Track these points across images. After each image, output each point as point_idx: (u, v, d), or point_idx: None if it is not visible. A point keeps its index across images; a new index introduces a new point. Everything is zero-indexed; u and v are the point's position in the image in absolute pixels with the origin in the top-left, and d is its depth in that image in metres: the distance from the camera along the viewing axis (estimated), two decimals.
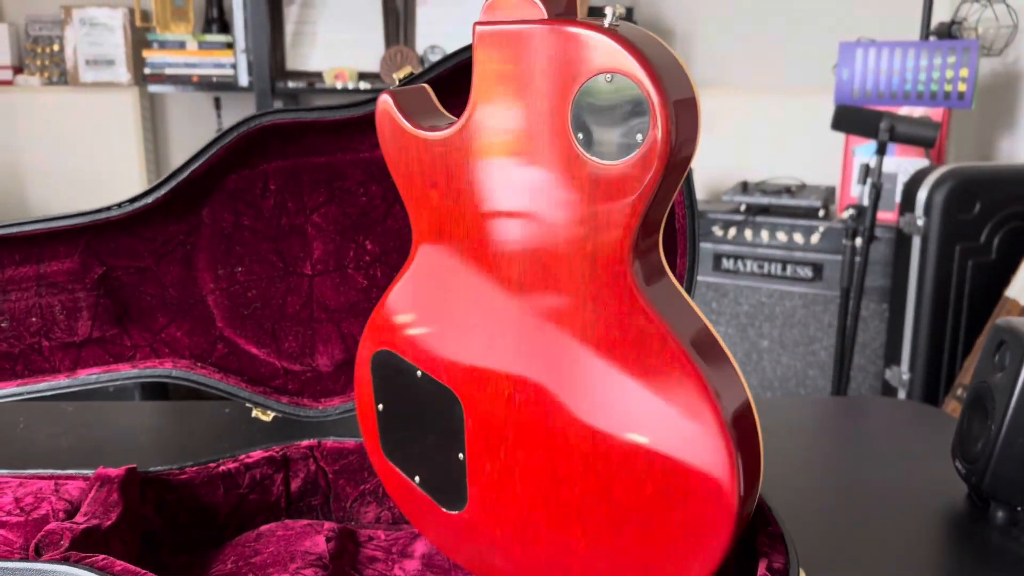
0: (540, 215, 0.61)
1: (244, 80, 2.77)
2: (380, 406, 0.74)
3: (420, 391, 0.70)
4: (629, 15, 2.69)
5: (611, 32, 0.55)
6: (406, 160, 0.67)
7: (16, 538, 0.71)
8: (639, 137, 0.55)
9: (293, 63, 2.85)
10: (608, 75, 0.55)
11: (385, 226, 0.88)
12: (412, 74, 0.80)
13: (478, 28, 0.61)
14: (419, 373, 0.70)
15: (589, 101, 0.57)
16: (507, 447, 0.66)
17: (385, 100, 0.68)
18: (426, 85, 0.72)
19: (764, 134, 2.77)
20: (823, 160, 2.65)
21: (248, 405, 0.87)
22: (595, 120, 0.57)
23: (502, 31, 0.60)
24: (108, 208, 0.81)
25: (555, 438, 0.63)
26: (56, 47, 2.91)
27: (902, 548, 0.82)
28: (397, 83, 0.81)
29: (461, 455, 0.69)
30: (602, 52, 0.55)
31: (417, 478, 0.73)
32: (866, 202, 2.03)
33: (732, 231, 2.37)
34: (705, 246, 2.40)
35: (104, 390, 0.87)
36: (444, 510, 0.72)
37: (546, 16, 0.60)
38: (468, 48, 0.79)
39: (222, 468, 0.80)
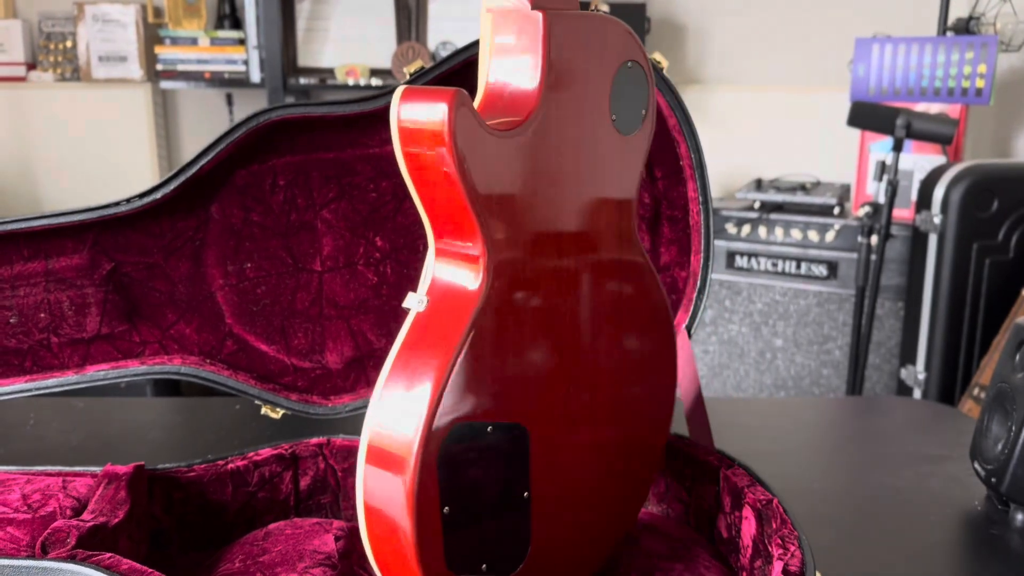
0: (597, 198, 0.65)
1: (256, 76, 2.76)
2: (446, 509, 0.58)
3: (490, 452, 0.60)
4: (642, 11, 2.66)
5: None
6: (488, 168, 0.57)
7: (23, 535, 0.70)
8: (643, 112, 0.67)
9: (305, 59, 2.85)
10: (630, 62, 0.65)
11: (395, 222, 0.87)
12: (423, 68, 0.79)
13: (550, 11, 0.59)
14: (489, 429, 0.60)
15: (620, 86, 0.65)
16: (567, 445, 0.66)
17: (462, 104, 0.54)
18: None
19: (779, 131, 2.75)
20: (838, 157, 2.63)
21: (257, 402, 0.86)
22: (624, 101, 0.65)
23: (576, 17, 0.61)
24: (116, 203, 0.80)
25: (598, 393, 0.67)
26: (69, 43, 2.91)
27: (919, 551, 0.80)
28: (408, 77, 0.80)
29: (526, 493, 0.63)
30: (632, 42, 0.65)
31: (484, 566, 0.62)
32: (882, 199, 2.00)
33: (746, 228, 2.35)
34: (719, 243, 2.38)
35: (115, 386, 0.86)
36: None
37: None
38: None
39: (231, 466, 0.79)
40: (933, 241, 1.98)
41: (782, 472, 0.92)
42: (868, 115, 2.01)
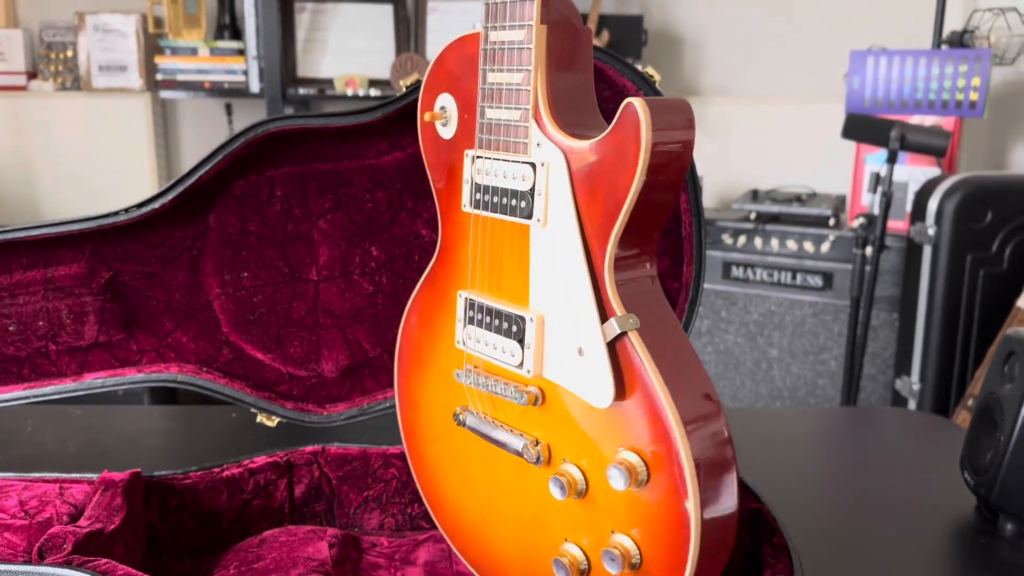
0: None
1: (255, 86, 2.78)
2: None
3: None
4: (639, 23, 2.68)
5: None
6: None
7: (20, 541, 0.71)
8: None
9: (304, 70, 2.86)
10: None
11: (391, 233, 0.88)
12: (419, 81, 0.80)
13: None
14: None
15: None
16: None
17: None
18: None
19: (775, 142, 2.76)
20: (834, 168, 2.64)
21: (253, 410, 0.87)
22: None
23: None
24: (115, 213, 0.81)
25: None
26: (70, 53, 2.93)
27: (909, 560, 0.81)
28: (404, 89, 0.81)
29: None
30: None
31: None
32: (877, 211, 2.02)
33: (742, 239, 2.36)
34: (715, 254, 2.39)
35: (113, 394, 0.87)
36: None
37: None
38: None
39: (226, 473, 0.80)
40: (927, 253, 1.99)
41: (775, 482, 0.93)
42: (863, 127, 2.02)
